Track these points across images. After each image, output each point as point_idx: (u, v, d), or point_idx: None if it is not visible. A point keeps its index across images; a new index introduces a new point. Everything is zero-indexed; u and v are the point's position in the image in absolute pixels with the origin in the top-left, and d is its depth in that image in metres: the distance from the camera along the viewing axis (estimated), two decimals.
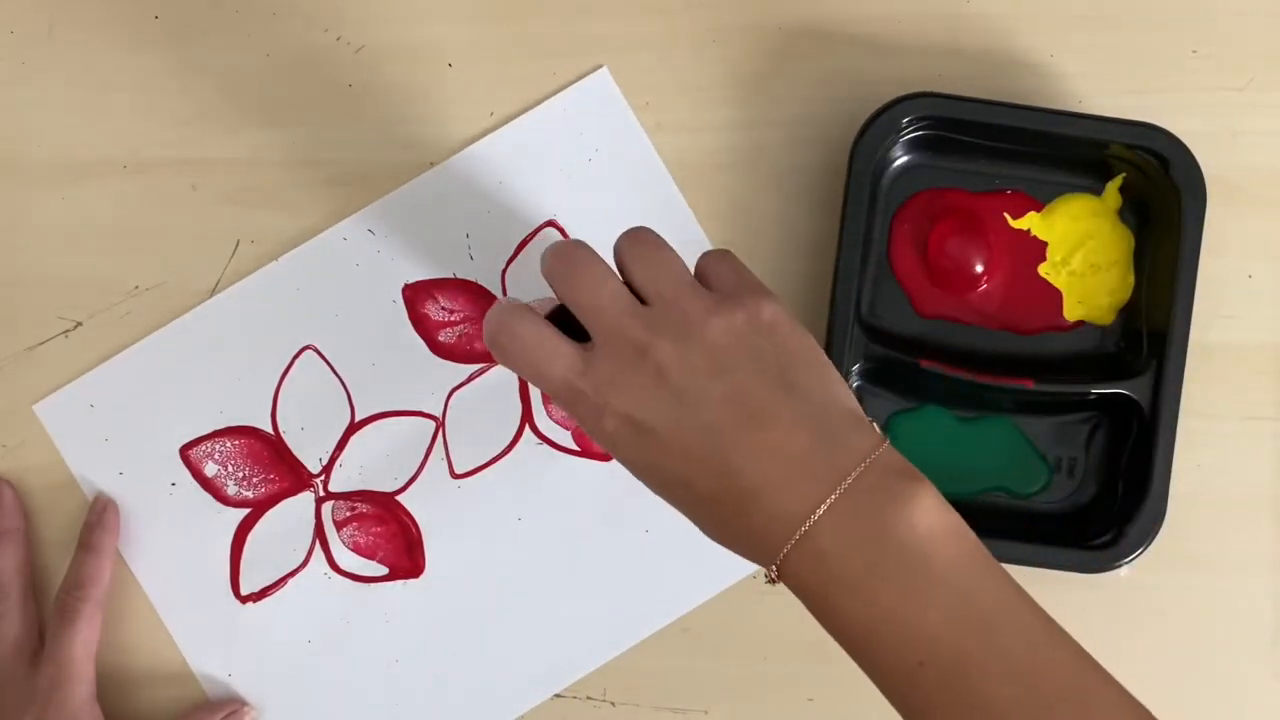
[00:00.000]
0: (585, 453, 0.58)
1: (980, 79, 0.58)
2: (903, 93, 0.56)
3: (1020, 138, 0.56)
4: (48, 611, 0.57)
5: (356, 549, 0.58)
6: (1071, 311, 0.58)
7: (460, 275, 0.59)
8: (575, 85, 0.59)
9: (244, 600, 0.58)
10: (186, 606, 0.58)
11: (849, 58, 0.59)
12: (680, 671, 0.59)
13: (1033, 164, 0.57)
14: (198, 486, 0.58)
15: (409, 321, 0.58)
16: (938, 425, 0.58)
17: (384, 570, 0.58)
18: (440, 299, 0.58)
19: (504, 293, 0.59)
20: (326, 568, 0.58)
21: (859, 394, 0.57)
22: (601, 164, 0.59)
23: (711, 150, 0.59)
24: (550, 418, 0.58)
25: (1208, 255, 0.55)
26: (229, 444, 0.58)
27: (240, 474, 0.58)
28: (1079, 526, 0.57)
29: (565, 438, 0.59)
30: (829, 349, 0.55)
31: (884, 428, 0.57)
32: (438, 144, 0.59)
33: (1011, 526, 0.57)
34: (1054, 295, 0.58)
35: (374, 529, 0.58)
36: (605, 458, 0.58)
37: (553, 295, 0.46)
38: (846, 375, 0.56)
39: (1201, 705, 0.58)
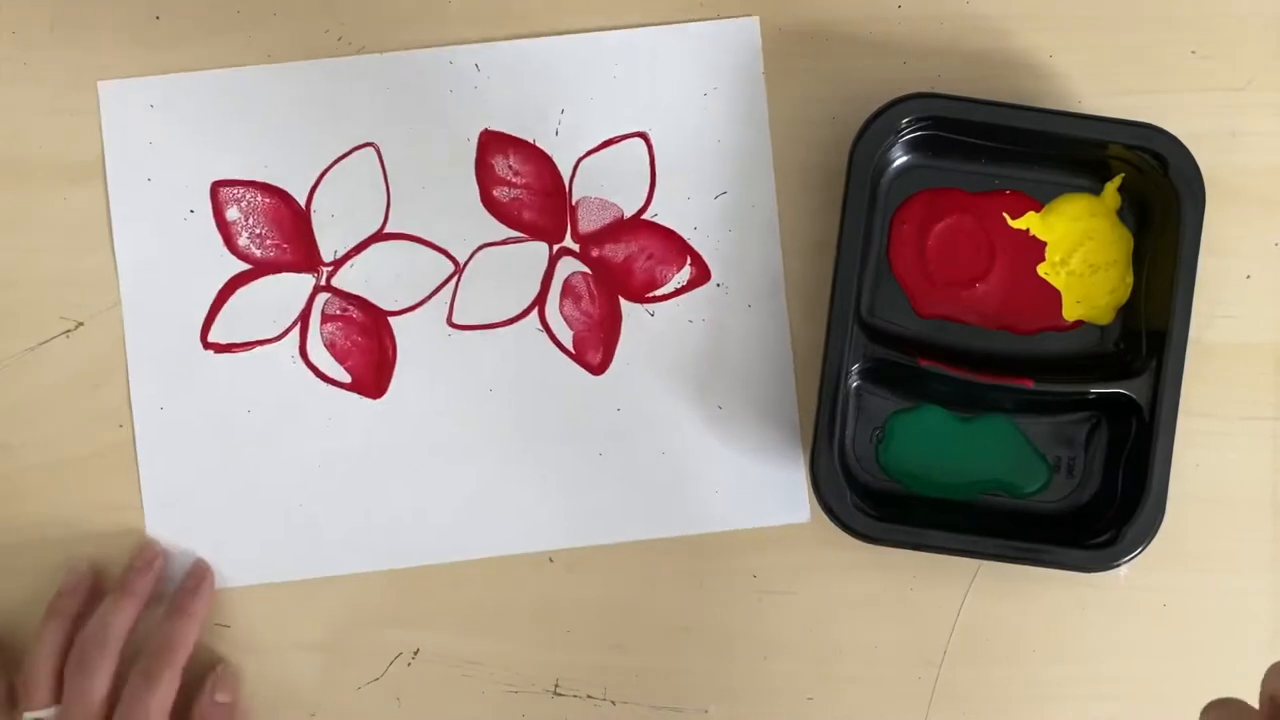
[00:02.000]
0: (579, 359, 0.59)
1: (980, 79, 0.58)
2: (903, 93, 0.56)
3: (1019, 138, 0.56)
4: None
5: (331, 347, 0.58)
6: (1071, 311, 0.58)
7: (539, 144, 0.59)
8: (724, 20, 0.59)
9: (207, 346, 0.58)
10: (153, 327, 0.58)
11: (849, 58, 0.59)
12: (680, 671, 0.59)
13: (1032, 164, 0.57)
14: (214, 224, 0.58)
15: (474, 165, 0.59)
16: (937, 425, 0.58)
17: (347, 379, 0.59)
18: (511, 157, 0.58)
19: (571, 178, 0.58)
20: (295, 352, 0.58)
21: (858, 394, 0.57)
22: (715, 102, 0.59)
23: None
24: (561, 314, 0.59)
25: (1207, 255, 0.55)
26: (259, 198, 0.58)
27: (257, 230, 0.58)
28: (1078, 526, 0.57)
29: (566, 336, 0.59)
30: (828, 348, 0.55)
31: (883, 428, 0.58)
32: None
33: (1011, 526, 0.57)
34: (1053, 295, 0.58)
35: (355, 337, 0.58)
36: (597, 371, 0.58)
37: None
38: (846, 375, 0.56)
39: (1201, 705, 0.58)
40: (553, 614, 0.59)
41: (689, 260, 0.59)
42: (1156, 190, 0.56)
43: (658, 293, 0.59)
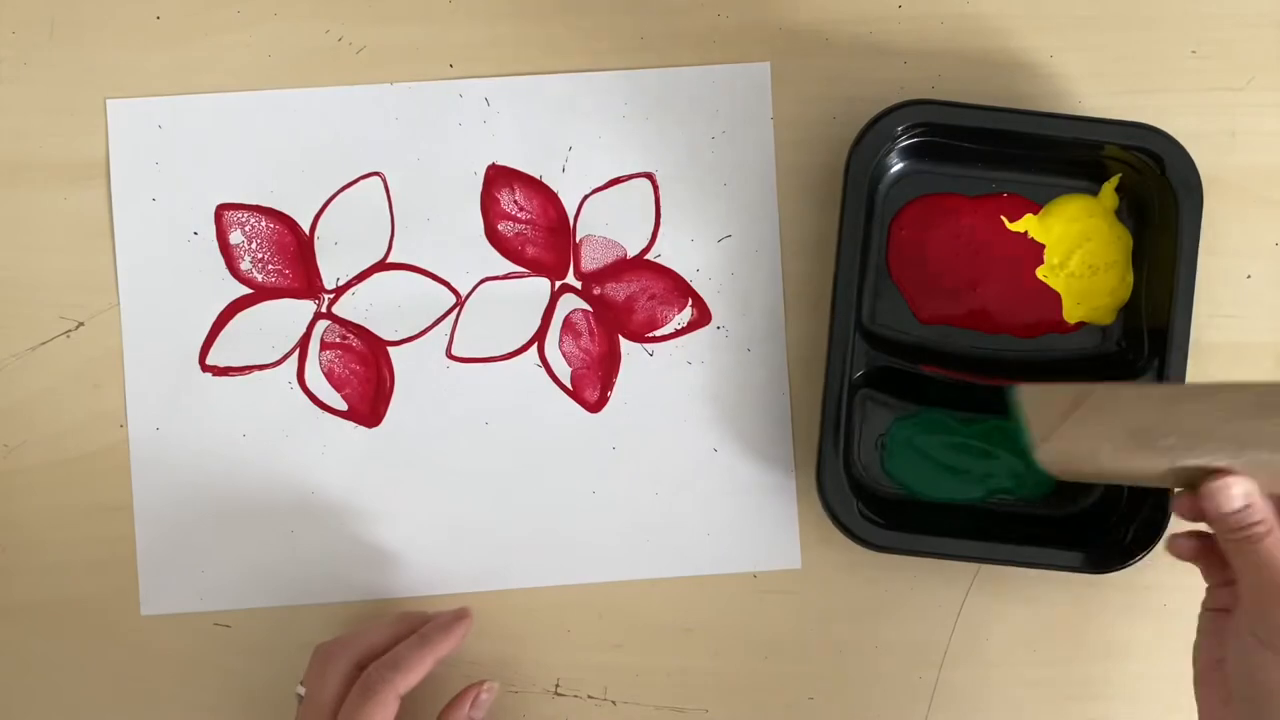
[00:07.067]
0: (576, 396, 0.59)
1: (979, 80, 0.58)
2: (902, 94, 0.56)
3: (1015, 141, 0.56)
4: None
5: (329, 375, 0.59)
6: (1071, 313, 0.58)
7: (546, 181, 0.59)
8: (735, 65, 0.59)
9: (205, 369, 0.58)
10: (151, 347, 0.58)
11: (849, 59, 0.59)
12: (680, 671, 0.59)
13: (1029, 167, 0.57)
14: (216, 247, 0.58)
15: (479, 198, 0.59)
16: (940, 430, 0.57)
17: (343, 407, 0.59)
18: (517, 192, 0.59)
19: (576, 216, 0.59)
20: (293, 378, 0.59)
21: (862, 401, 0.57)
22: (723, 147, 0.59)
23: None
24: (560, 350, 0.59)
25: (1207, 255, 0.55)
26: (263, 223, 0.58)
27: (260, 255, 0.58)
28: (1082, 528, 0.57)
29: (564, 373, 0.59)
30: (830, 358, 0.55)
31: (887, 434, 0.58)
32: None
33: (1016, 529, 0.57)
34: (1053, 297, 0.58)
35: (353, 365, 0.59)
36: (594, 408, 0.58)
37: None
38: (849, 383, 0.56)
39: None
40: (552, 614, 0.59)
41: (690, 302, 0.59)
42: (1154, 190, 0.56)
43: (658, 333, 0.59)
